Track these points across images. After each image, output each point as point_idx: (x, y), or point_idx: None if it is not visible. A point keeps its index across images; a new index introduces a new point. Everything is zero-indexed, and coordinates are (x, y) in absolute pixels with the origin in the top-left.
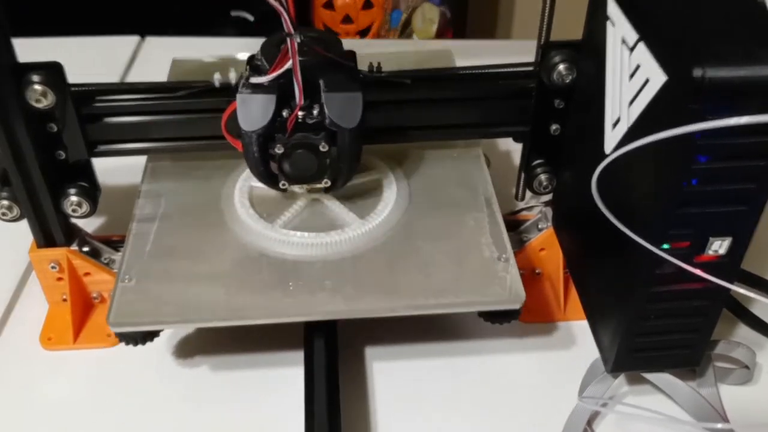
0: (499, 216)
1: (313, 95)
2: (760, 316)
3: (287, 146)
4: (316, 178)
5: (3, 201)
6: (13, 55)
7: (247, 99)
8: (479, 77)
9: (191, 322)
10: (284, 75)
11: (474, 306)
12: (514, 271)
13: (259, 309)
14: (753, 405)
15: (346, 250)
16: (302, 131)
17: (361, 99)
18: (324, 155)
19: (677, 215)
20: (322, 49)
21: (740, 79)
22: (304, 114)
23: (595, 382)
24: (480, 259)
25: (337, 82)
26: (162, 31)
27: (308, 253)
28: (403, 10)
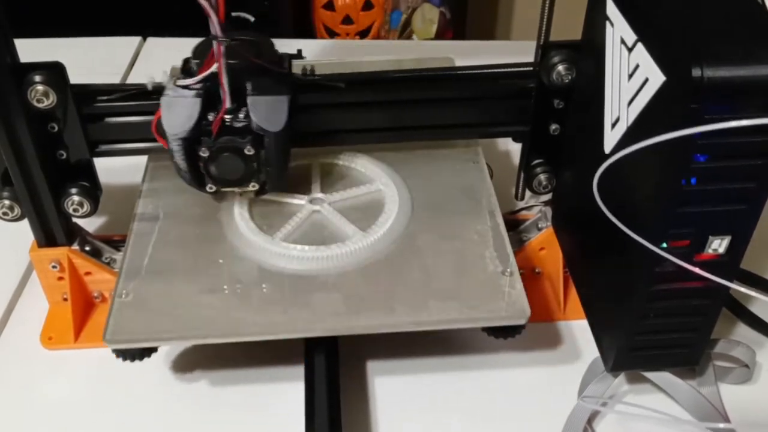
0: (503, 228)
1: (240, 98)
2: (760, 315)
3: (213, 149)
4: (244, 182)
5: (4, 201)
6: (14, 55)
7: (172, 102)
8: (479, 77)
9: (188, 338)
10: (210, 78)
11: (478, 322)
12: (519, 286)
13: (258, 326)
14: (753, 404)
15: (347, 263)
16: (229, 135)
17: (286, 102)
18: (250, 159)
19: (677, 214)
20: (251, 53)
21: (740, 78)
22: (231, 117)
23: (595, 382)
24: (484, 273)
25: (263, 85)
26: (163, 31)
27: (309, 267)
28: (403, 10)
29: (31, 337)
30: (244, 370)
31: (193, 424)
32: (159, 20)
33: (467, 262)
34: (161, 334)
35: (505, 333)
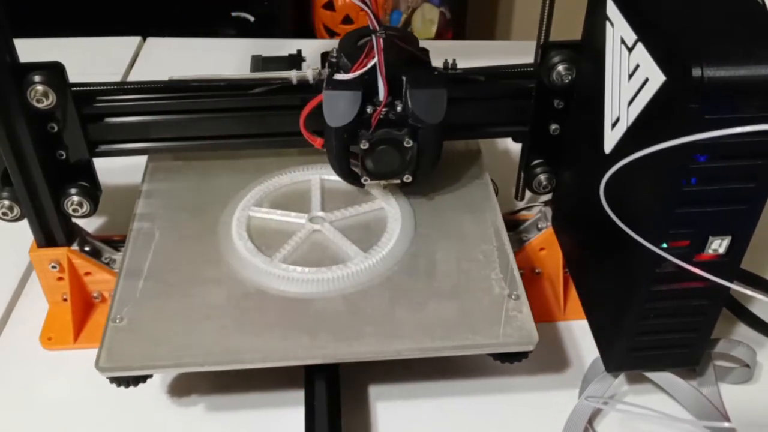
0: (509, 249)
1: (394, 91)
2: (760, 315)
3: (372, 142)
4: (398, 173)
5: (4, 201)
6: (14, 55)
7: (334, 96)
8: (479, 78)
9: (184, 366)
10: (369, 72)
11: (484, 349)
12: (526, 310)
13: (256, 352)
14: (754, 404)
15: (348, 286)
16: (385, 127)
17: (445, 95)
18: (407, 150)
19: (677, 214)
20: (404, 45)
21: (740, 78)
22: (387, 110)
23: (596, 381)
24: (489, 297)
25: (421, 78)
26: (163, 31)
27: (308, 290)
28: (403, 10)
29: (30, 338)
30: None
31: (193, 423)
32: (159, 20)
33: (472, 285)
34: (156, 362)
35: (512, 358)
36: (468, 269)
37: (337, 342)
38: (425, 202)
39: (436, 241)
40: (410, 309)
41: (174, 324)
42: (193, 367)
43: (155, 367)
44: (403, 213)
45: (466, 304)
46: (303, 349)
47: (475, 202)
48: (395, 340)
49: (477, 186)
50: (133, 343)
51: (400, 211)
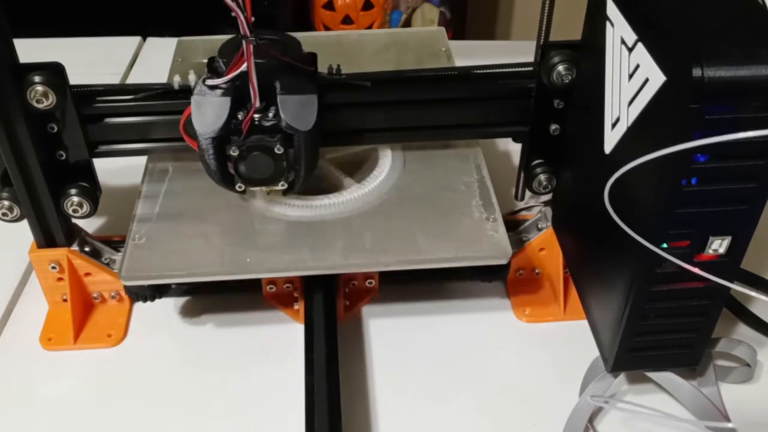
0: (489, 181)
1: (269, 97)
2: (760, 315)
3: (242, 148)
4: (273, 181)
5: (3, 201)
6: (14, 55)
7: (202, 101)
8: (479, 78)
9: (198, 275)
10: (240, 77)
11: (463, 261)
12: (502, 230)
13: (262, 264)
14: (754, 404)
15: (343, 211)
16: (258, 133)
17: (316, 101)
18: (280, 157)
19: (677, 214)
20: (278, 52)
21: (740, 78)
22: (260, 116)
23: (596, 381)
24: (470, 220)
25: (293, 84)
26: (163, 32)
27: (308, 214)
28: (403, 10)
29: (30, 338)
30: (244, 372)
31: (193, 423)
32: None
33: (454, 210)
34: (173, 272)
35: (490, 275)
36: (451, 197)
37: (332, 256)
38: (415, 144)
39: (423, 174)
40: (398, 230)
41: (187, 242)
42: (204, 277)
43: (171, 277)
44: (393, 152)
45: (449, 225)
46: (303, 262)
47: (460, 144)
48: (383, 255)
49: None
50: (151, 258)
51: (390, 150)
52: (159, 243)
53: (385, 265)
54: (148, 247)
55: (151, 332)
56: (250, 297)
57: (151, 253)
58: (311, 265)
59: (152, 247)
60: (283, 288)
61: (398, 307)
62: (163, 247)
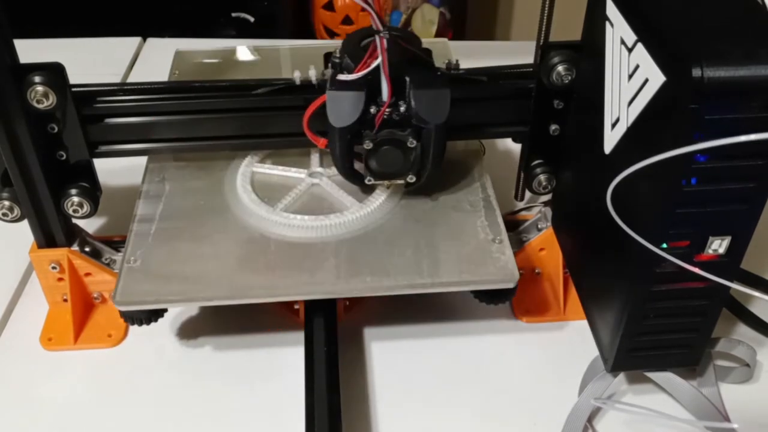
0: (494, 200)
1: (398, 91)
2: (760, 315)
3: (375, 142)
4: (402, 174)
5: (4, 201)
6: (14, 56)
7: (338, 96)
8: (479, 78)
9: (194, 300)
10: (372, 72)
11: (469, 285)
12: (509, 252)
13: (261, 288)
14: (754, 403)
15: (345, 232)
16: (389, 127)
17: (449, 95)
18: (410, 151)
19: (677, 214)
20: (407, 46)
21: (740, 79)
22: (390, 110)
23: (595, 381)
24: (475, 241)
25: (424, 79)
26: (163, 32)
27: (308, 235)
28: (403, 11)
29: (31, 338)
30: (245, 370)
31: (193, 423)
32: (159, 21)
33: (459, 231)
34: (169, 296)
35: (496, 298)
36: (456, 217)
37: (334, 279)
38: None
39: (427, 193)
40: (401, 252)
41: (184, 264)
42: (203, 302)
43: (168, 302)
44: None
45: (454, 247)
46: (303, 286)
47: (464, 160)
48: (387, 278)
49: (469, 154)
50: (146, 281)
51: None
52: (154, 265)
53: (389, 289)
54: (143, 270)
55: (152, 332)
56: None
57: (147, 276)
58: (312, 289)
59: (147, 270)
60: None
61: (398, 308)
62: (159, 270)
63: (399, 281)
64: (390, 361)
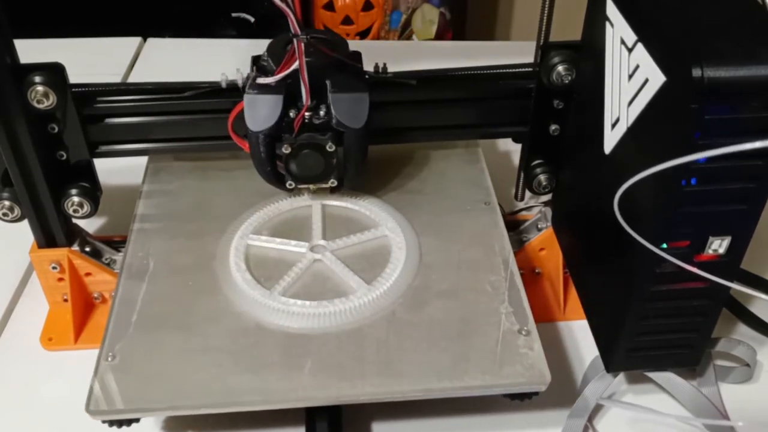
0: (519, 279)
1: (319, 95)
2: (760, 315)
3: (294, 146)
4: (323, 178)
5: (4, 201)
6: (14, 56)
7: (255, 99)
8: (479, 78)
9: (179, 409)
10: (291, 75)
11: (492, 390)
12: (537, 347)
13: (255, 393)
14: (754, 403)
15: (351, 321)
16: (309, 131)
17: (367, 99)
18: (330, 155)
19: (677, 215)
20: (328, 50)
21: (740, 79)
22: (311, 114)
23: (595, 380)
24: (498, 332)
25: (344, 82)
26: (163, 32)
27: (309, 325)
28: (403, 11)
29: (31, 338)
30: None
31: (193, 423)
32: (159, 21)
33: (480, 319)
34: (151, 404)
35: (523, 396)
36: (476, 302)
37: (339, 382)
38: (430, 228)
39: (442, 271)
40: (415, 346)
41: (168, 362)
42: (189, 410)
43: (148, 410)
44: (407, 241)
45: (474, 340)
46: (304, 390)
47: (483, 229)
48: (399, 380)
49: (484, 211)
50: (126, 384)
51: (404, 239)
52: (135, 363)
53: (401, 394)
54: (123, 370)
55: None
56: None
57: (126, 377)
58: (313, 395)
59: (127, 370)
60: None
61: None
62: (140, 370)
63: (413, 386)
64: None
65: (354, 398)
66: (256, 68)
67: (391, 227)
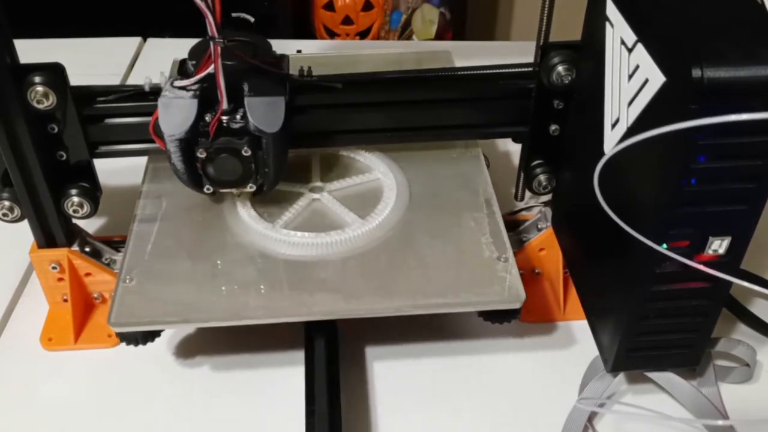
0: (499, 216)
1: (237, 99)
2: (760, 315)
3: (210, 150)
4: (241, 183)
5: (4, 202)
6: (14, 56)
7: (169, 103)
8: (479, 78)
9: (191, 322)
10: (207, 79)
11: (474, 306)
12: (515, 271)
13: (259, 309)
14: (754, 403)
15: (346, 249)
16: (226, 135)
17: (283, 103)
18: (247, 159)
19: (677, 215)
20: (248, 54)
21: (740, 79)
22: (228, 118)
23: (595, 380)
24: (480, 259)
25: (260, 86)
26: (163, 32)
27: (308, 253)
28: (403, 11)
29: (31, 338)
30: (246, 370)
31: (193, 424)
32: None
33: (464, 249)
34: (165, 318)
35: (501, 318)
36: (459, 234)
37: (335, 300)
38: (420, 173)
39: (430, 209)
40: (404, 271)
41: (181, 284)
42: (199, 323)
43: (164, 323)
44: (398, 183)
45: (458, 266)
46: (303, 307)
47: (468, 174)
48: (390, 298)
49: (469, 159)
50: (143, 302)
51: (395, 182)
52: (151, 285)
53: (392, 310)
54: (139, 291)
55: None
56: None
57: (143, 297)
58: (313, 310)
59: (144, 291)
60: None
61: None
62: (155, 290)
63: (402, 302)
64: (389, 356)
65: (350, 313)
66: (178, 71)
67: (384, 171)
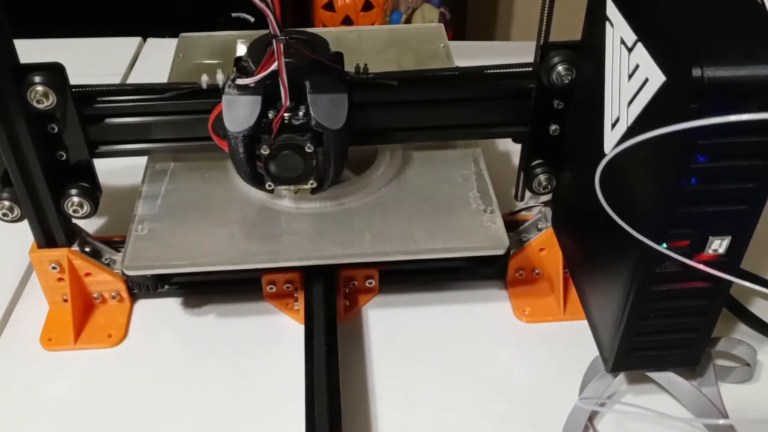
0: (486, 173)
1: (299, 96)
2: (760, 315)
3: (273, 147)
4: (302, 180)
5: (4, 202)
6: (14, 56)
7: (233, 100)
8: (479, 78)
9: (199, 265)
10: (270, 76)
11: (460, 251)
12: (499, 222)
13: (263, 254)
14: (754, 403)
15: (344, 203)
16: (288, 132)
17: (346, 100)
18: (310, 156)
19: (677, 214)
20: (308, 51)
21: (740, 78)
22: (290, 115)
23: (595, 380)
24: (467, 211)
25: (323, 83)
26: (163, 32)
27: (308, 206)
28: (403, 11)
29: (31, 338)
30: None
31: (193, 423)
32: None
33: (452, 202)
34: (175, 261)
35: (487, 265)
36: (449, 189)
37: (332, 246)
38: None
39: (422, 167)
40: (396, 221)
41: (189, 233)
42: (207, 267)
43: (173, 266)
44: (392, 148)
45: (447, 217)
46: (304, 252)
47: (459, 143)
48: (382, 244)
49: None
50: (153, 248)
51: (389, 147)
52: (161, 234)
53: (384, 255)
54: (151, 238)
55: (152, 332)
56: (251, 298)
57: (154, 243)
58: (312, 255)
59: (155, 238)
60: (284, 288)
61: (398, 308)
62: (166, 238)
63: (394, 248)
64: (390, 357)
65: (346, 258)
66: (236, 69)
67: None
